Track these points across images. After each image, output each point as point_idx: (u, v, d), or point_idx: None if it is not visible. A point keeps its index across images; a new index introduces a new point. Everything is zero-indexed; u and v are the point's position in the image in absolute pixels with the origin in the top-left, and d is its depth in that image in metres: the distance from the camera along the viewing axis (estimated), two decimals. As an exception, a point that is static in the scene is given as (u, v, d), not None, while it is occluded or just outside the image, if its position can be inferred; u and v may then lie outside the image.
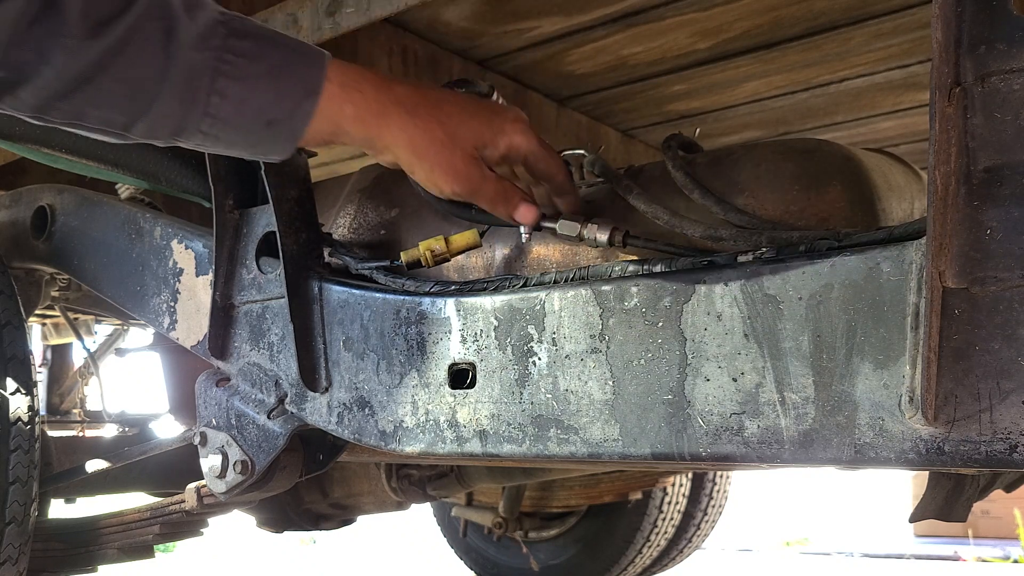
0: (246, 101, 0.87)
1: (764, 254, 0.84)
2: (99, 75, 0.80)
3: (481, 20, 1.30)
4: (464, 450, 1.01)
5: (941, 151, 0.68)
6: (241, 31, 0.87)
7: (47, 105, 0.81)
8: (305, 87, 0.90)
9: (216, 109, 0.86)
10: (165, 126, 0.86)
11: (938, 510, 1.13)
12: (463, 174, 0.96)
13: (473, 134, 0.97)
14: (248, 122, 0.88)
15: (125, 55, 0.80)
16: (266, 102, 0.88)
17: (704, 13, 1.31)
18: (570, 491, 2.59)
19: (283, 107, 0.89)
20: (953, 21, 0.70)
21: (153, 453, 1.59)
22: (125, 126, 0.86)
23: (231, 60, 0.85)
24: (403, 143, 0.94)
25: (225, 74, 0.85)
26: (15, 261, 1.61)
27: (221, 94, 0.85)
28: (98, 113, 0.84)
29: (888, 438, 0.74)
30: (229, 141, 0.90)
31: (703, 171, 1.05)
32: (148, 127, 0.86)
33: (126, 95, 0.83)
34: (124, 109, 0.84)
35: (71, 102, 0.81)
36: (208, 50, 0.84)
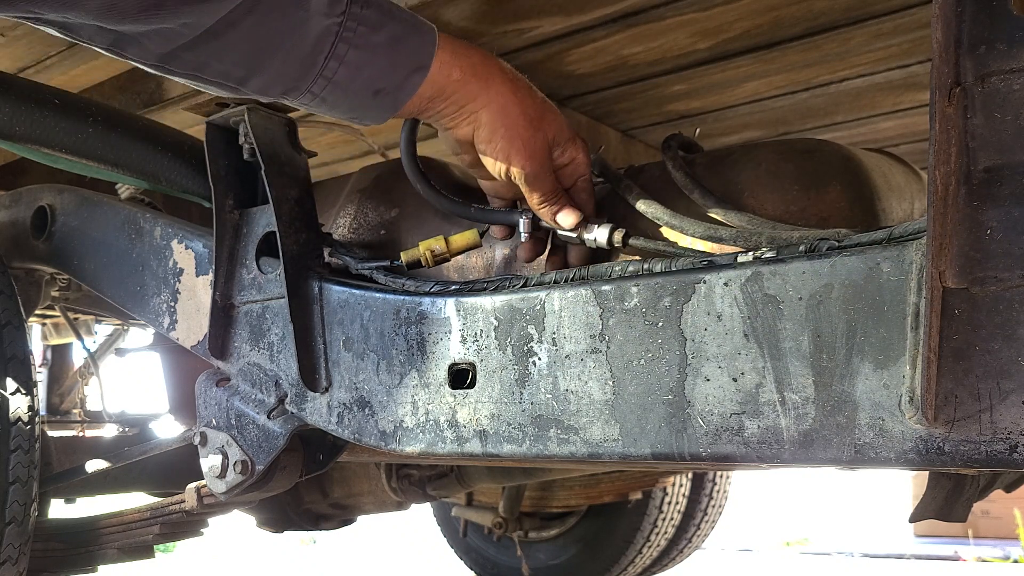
0: (362, 69, 0.89)
1: (764, 254, 0.84)
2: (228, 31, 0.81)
3: (481, 20, 1.30)
4: (464, 450, 1.01)
5: (941, 151, 0.68)
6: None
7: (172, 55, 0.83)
8: (417, 61, 0.92)
9: (332, 72, 0.88)
10: (280, 84, 0.89)
11: (938, 510, 1.13)
12: (538, 157, 0.99)
13: (556, 128, 1.02)
14: (358, 88, 0.91)
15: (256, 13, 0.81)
16: (379, 71, 0.90)
17: (704, 13, 1.31)
18: (570, 491, 2.59)
19: (394, 78, 0.91)
20: (953, 21, 0.70)
21: (153, 453, 1.59)
22: (241, 80, 0.87)
23: (353, 28, 0.87)
24: (496, 108, 0.97)
25: (346, 40, 0.87)
26: (15, 261, 1.61)
27: (340, 59, 0.87)
28: (219, 66, 0.85)
29: (888, 438, 0.74)
30: (334, 104, 0.92)
31: (703, 171, 1.05)
32: (263, 83, 0.88)
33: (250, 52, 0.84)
34: (245, 64, 0.85)
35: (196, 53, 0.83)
36: (334, 16, 0.85)
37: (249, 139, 1.21)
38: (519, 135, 0.98)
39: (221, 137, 1.27)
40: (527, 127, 0.99)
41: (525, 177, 1.00)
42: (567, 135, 1.03)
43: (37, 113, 1.30)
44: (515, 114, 0.98)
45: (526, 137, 0.99)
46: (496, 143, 0.98)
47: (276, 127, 1.22)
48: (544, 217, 1.04)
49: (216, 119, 1.25)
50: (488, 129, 0.98)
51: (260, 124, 1.20)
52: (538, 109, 1.01)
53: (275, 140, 1.22)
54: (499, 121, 0.98)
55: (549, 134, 1.01)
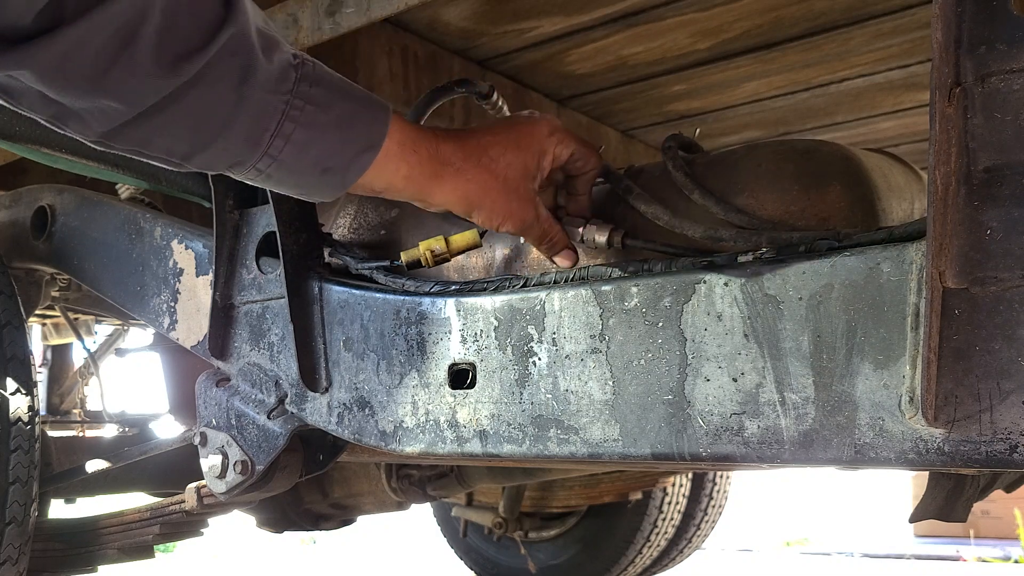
0: (308, 148, 0.87)
1: (764, 254, 0.84)
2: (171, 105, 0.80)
3: (481, 20, 1.30)
4: (464, 450, 1.01)
5: (941, 151, 0.68)
6: (313, 77, 0.87)
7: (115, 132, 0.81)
8: (367, 142, 0.90)
9: (277, 151, 0.86)
10: (224, 160, 0.87)
11: (938, 510, 1.13)
12: (518, 216, 0.98)
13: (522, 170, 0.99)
14: (305, 167, 0.89)
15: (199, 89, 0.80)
16: (327, 151, 0.88)
17: (704, 13, 1.31)
18: (570, 491, 2.59)
19: (342, 158, 0.89)
20: (953, 21, 0.70)
21: (153, 453, 1.59)
22: (185, 156, 0.86)
23: (300, 106, 0.85)
24: (457, 198, 0.96)
25: (293, 119, 0.85)
26: (15, 261, 1.61)
27: (285, 138, 0.85)
28: (163, 142, 0.84)
29: (888, 438, 0.74)
30: (280, 180, 0.90)
31: (703, 171, 1.05)
32: (207, 159, 0.87)
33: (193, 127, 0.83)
34: (189, 140, 0.84)
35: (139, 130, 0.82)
36: (280, 93, 0.84)
37: (249, 139, 1.21)
38: (494, 210, 0.97)
39: (221, 137, 1.26)
40: (496, 198, 0.97)
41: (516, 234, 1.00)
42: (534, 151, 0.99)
43: (37, 113, 1.29)
44: (479, 196, 0.96)
45: (499, 208, 0.97)
46: (478, 218, 0.98)
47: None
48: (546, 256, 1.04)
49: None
50: (463, 213, 0.98)
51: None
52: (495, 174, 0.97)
53: (275, 140, 1.21)
54: (468, 207, 0.97)
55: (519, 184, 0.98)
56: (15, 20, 0.70)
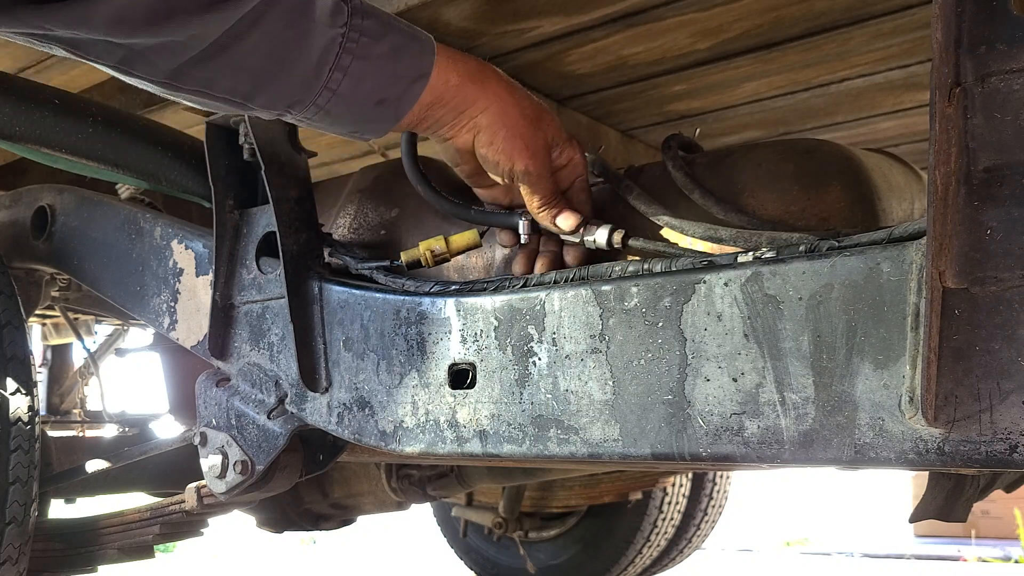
0: (364, 79, 0.89)
1: (764, 254, 0.84)
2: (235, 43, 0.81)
3: (481, 20, 1.30)
4: (464, 450, 1.01)
5: (941, 151, 0.68)
6: (363, 10, 0.89)
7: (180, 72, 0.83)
8: (418, 69, 0.93)
9: (336, 84, 0.88)
10: (286, 97, 0.89)
11: (938, 510, 1.13)
12: (539, 156, 1.00)
13: (553, 129, 1.02)
14: (361, 99, 0.91)
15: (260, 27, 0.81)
16: (382, 81, 0.91)
17: (704, 13, 1.31)
18: (570, 491, 2.59)
19: (396, 87, 0.92)
20: (953, 21, 0.70)
21: (153, 453, 1.59)
22: (248, 95, 0.88)
23: (356, 39, 0.87)
24: (496, 111, 0.98)
25: (349, 51, 0.87)
26: (15, 261, 1.61)
27: (343, 70, 0.88)
28: (226, 81, 0.85)
29: (888, 438, 0.74)
30: (337, 116, 0.92)
31: (703, 171, 1.05)
32: (270, 97, 0.88)
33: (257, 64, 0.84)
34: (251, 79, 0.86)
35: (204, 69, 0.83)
36: (336, 27, 0.86)
37: (249, 139, 1.21)
38: (520, 135, 0.99)
39: (221, 137, 1.27)
40: (527, 127, 0.99)
41: (528, 178, 1.00)
42: (564, 136, 1.04)
43: (37, 113, 1.30)
44: (515, 115, 0.99)
45: (527, 137, 0.99)
46: (498, 144, 0.99)
47: (276, 127, 1.22)
48: (544, 221, 1.03)
49: (216, 119, 1.26)
50: (489, 132, 0.99)
51: (260, 124, 1.20)
52: (536, 110, 1.01)
53: (275, 140, 1.22)
54: (500, 123, 0.98)
55: (548, 135, 1.02)
56: None
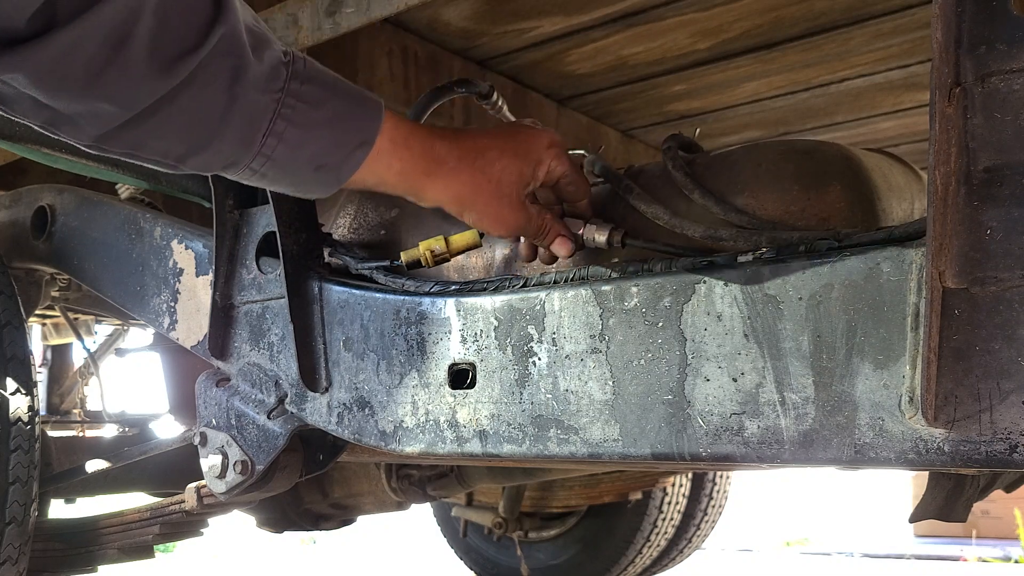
0: (301, 146, 0.87)
1: (764, 254, 0.84)
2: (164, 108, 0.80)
3: (481, 20, 1.30)
4: (464, 450, 1.01)
5: (941, 151, 0.68)
6: (304, 75, 0.86)
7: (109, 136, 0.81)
8: (360, 138, 0.90)
9: (270, 150, 0.86)
10: (218, 161, 0.87)
11: (938, 510, 1.13)
12: (510, 221, 0.98)
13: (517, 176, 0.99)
14: (299, 165, 0.89)
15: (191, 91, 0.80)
16: (320, 149, 0.88)
17: (704, 13, 1.31)
18: (570, 491, 2.59)
19: (336, 155, 0.89)
20: (953, 21, 0.70)
21: (153, 453, 1.59)
22: (180, 158, 0.86)
23: (292, 104, 0.85)
24: (449, 197, 0.96)
25: (285, 118, 0.85)
26: (15, 261, 1.61)
27: (279, 136, 0.85)
28: (157, 144, 0.84)
29: (888, 438, 0.74)
30: (275, 179, 0.91)
31: (703, 171, 1.05)
32: (202, 161, 0.87)
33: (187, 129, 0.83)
34: (183, 142, 0.84)
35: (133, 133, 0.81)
36: (271, 92, 0.84)
37: (249, 139, 1.21)
38: (485, 213, 0.97)
39: (221, 137, 1.26)
40: (488, 201, 0.97)
41: (507, 237, 1.01)
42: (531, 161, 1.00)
43: (37, 113, 1.29)
44: (471, 197, 0.96)
45: (491, 212, 0.97)
46: (468, 218, 0.98)
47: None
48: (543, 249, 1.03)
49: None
50: (454, 212, 0.98)
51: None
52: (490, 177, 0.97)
53: (275, 140, 1.21)
54: (459, 207, 0.97)
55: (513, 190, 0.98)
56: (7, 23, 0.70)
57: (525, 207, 0.99)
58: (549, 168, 1.01)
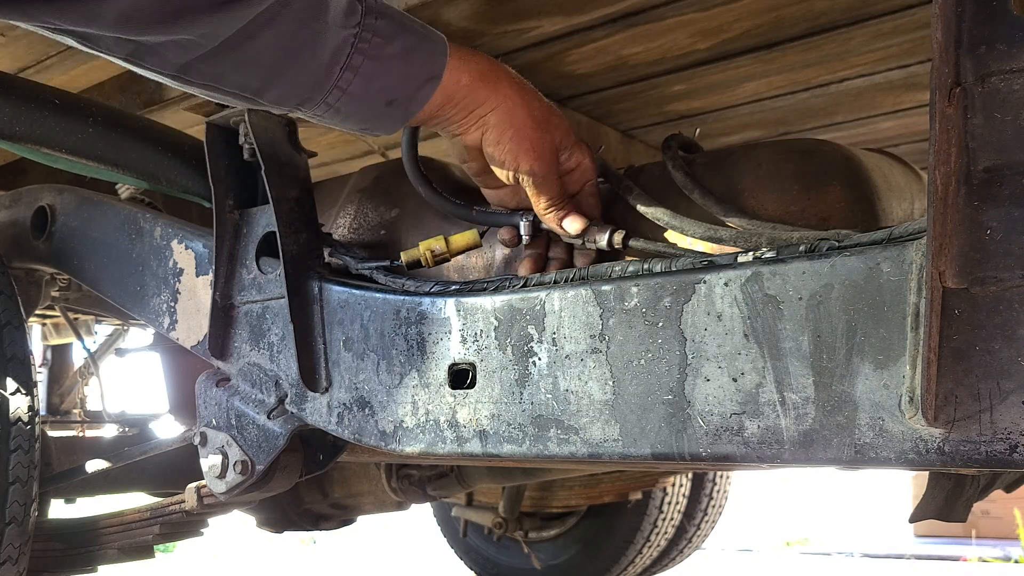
0: (375, 79, 0.90)
1: (764, 254, 0.84)
2: (246, 42, 0.81)
3: (481, 20, 1.30)
4: (464, 450, 1.01)
5: (941, 151, 0.68)
6: (377, 10, 0.89)
7: (190, 66, 0.83)
8: (429, 71, 0.93)
9: (347, 83, 0.88)
10: (296, 95, 0.89)
11: (938, 510, 1.13)
12: (546, 158, 1.00)
13: (562, 132, 1.02)
14: (372, 99, 0.91)
15: (273, 27, 0.81)
16: (393, 82, 0.91)
17: (704, 13, 1.31)
18: (570, 491, 2.59)
19: (407, 88, 0.92)
20: (953, 21, 0.70)
21: (153, 453, 1.59)
22: (258, 91, 0.88)
23: (368, 39, 0.87)
24: (504, 111, 0.98)
25: (361, 51, 0.87)
26: (15, 261, 1.61)
27: (355, 70, 0.88)
28: (237, 77, 0.86)
29: (888, 438, 0.74)
30: (347, 114, 0.93)
31: (703, 171, 1.05)
32: (280, 94, 0.88)
33: (268, 63, 0.85)
34: (262, 76, 0.86)
35: (214, 64, 0.83)
36: (349, 27, 0.86)
37: (249, 139, 1.21)
38: (527, 136, 0.99)
39: (221, 137, 1.27)
40: (535, 128, 0.99)
41: (533, 179, 1.00)
42: (572, 140, 1.04)
43: (37, 113, 1.30)
44: (523, 116, 0.98)
45: (534, 138, 0.99)
46: (504, 144, 0.99)
47: (276, 127, 1.22)
48: (549, 223, 1.03)
49: (216, 119, 1.25)
50: (496, 132, 0.98)
51: (260, 124, 1.20)
52: (545, 112, 1.01)
53: (275, 140, 1.22)
54: (507, 123, 0.98)
55: (556, 137, 1.02)
56: None
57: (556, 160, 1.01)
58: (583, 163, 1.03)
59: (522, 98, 0.99)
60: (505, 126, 0.98)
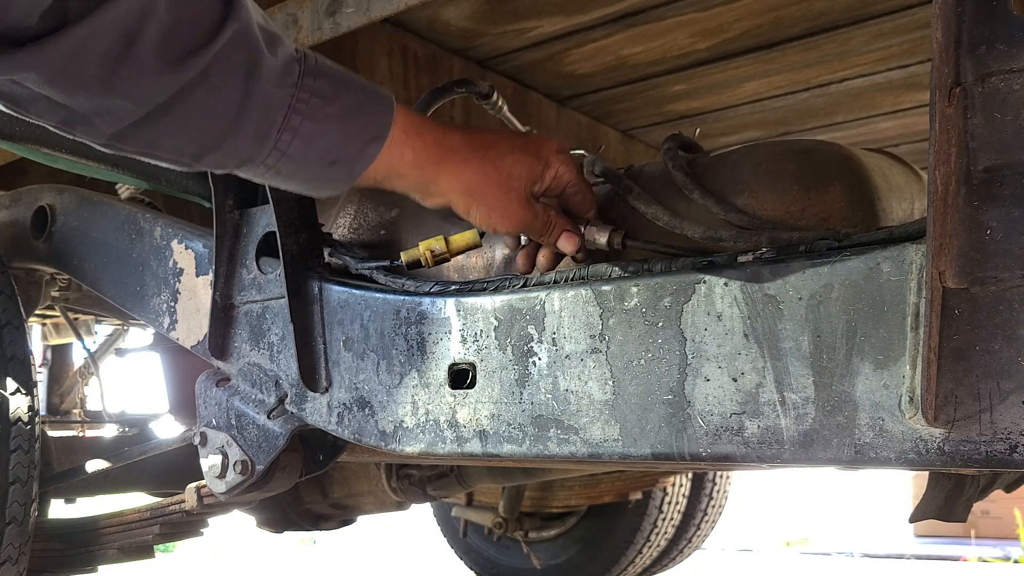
0: (315, 140, 0.88)
1: (764, 254, 0.84)
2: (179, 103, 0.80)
3: (481, 20, 1.30)
4: (464, 450, 1.01)
5: (941, 151, 0.68)
6: (317, 70, 0.87)
7: (124, 134, 0.82)
8: (373, 132, 0.91)
9: (285, 145, 0.86)
10: (233, 158, 0.87)
11: (938, 510, 1.13)
12: (518, 216, 0.98)
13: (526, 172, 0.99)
14: (313, 160, 0.89)
15: (205, 87, 0.80)
16: (334, 143, 0.89)
17: (704, 13, 1.31)
18: (570, 491, 2.59)
19: (349, 149, 0.90)
20: (953, 21, 0.70)
21: (153, 453, 1.59)
22: (195, 156, 0.86)
23: (306, 99, 0.86)
24: (459, 188, 0.96)
25: (299, 112, 0.85)
26: (15, 261, 1.61)
27: (293, 131, 0.86)
28: (172, 143, 0.84)
29: (888, 438, 0.74)
30: (289, 175, 0.91)
31: (703, 171, 1.05)
32: (217, 158, 0.87)
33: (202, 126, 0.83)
34: (198, 139, 0.84)
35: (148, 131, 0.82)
36: (286, 86, 0.84)
37: (249, 139, 1.21)
38: (493, 206, 0.97)
39: (221, 137, 1.26)
40: (497, 195, 0.97)
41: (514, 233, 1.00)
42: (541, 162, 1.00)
43: (37, 113, 1.29)
44: (480, 189, 0.96)
45: (499, 205, 0.97)
46: (474, 216, 0.97)
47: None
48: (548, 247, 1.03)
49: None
50: (461, 207, 0.97)
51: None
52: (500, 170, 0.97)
53: (275, 140, 1.21)
54: (468, 200, 0.96)
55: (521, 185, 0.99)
56: (20, 21, 0.70)
57: (532, 203, 1.00)
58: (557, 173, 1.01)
59: (476, 168, 0.96)
60: (467, 201, 0.96)
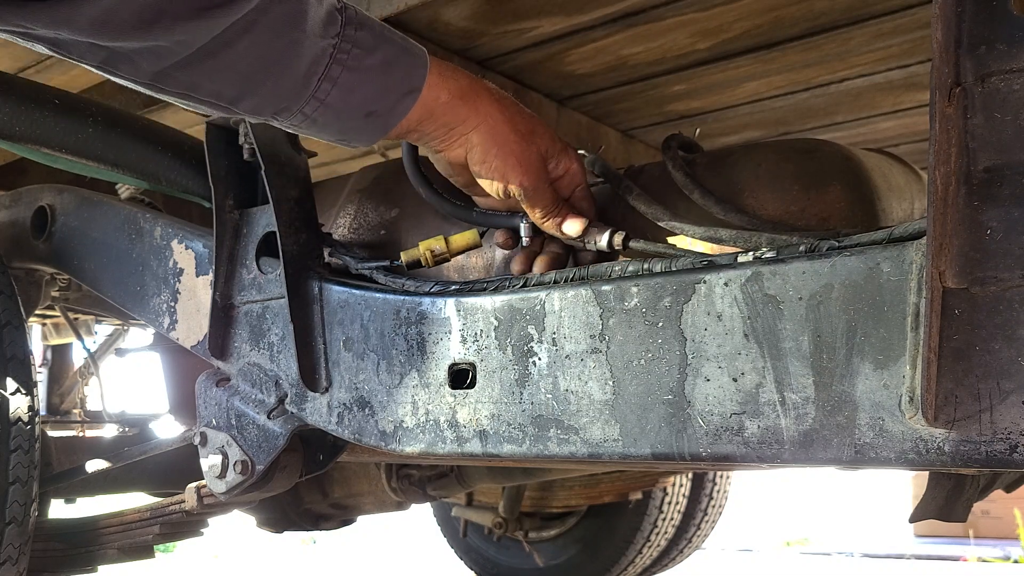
0: (354, 91, 0.89)
1: (764, 254, 0.84)
2: (223, 50, 0.81)
3: (481, 20, 1.30)
4: (464, 450, 1.01)
5: (941, 151, 0.68)
6: (357, 21, 0.88)
7: (164, 74, 0.82)
8: (409, 84, 0.92)
9: (324, 94, 0.88)
10: (272, 104, 0.88)
11: (938, 510, 1.13)
12: (534, 171, 0.99)
13: (547, 141, 1.01)
14: (350, 110, 0.90)
15: (250, 35, 0.81)
16: (371, 94, 0.90)
17: (704, 13, 1.31)
18: (570, 491, 2.59)
19: (386, 100, 0.92)
20: (953, 21, 0.70)
21: (153, 453, 1.59)
22: (233, 100, 0.87)
23: (347, 50, 0.87)
24: (487, 128, 0.97)
25: (340, 62, 0.87)
26: (15, 261, 1.61)
27: (333, 81, 0.87)
28: (212, 86, 0.85)
29: (888, 438, 0.74)
30: (324, 125, 0.92)
31: (703, 171, 1.05)
32: (255, 103, 0.88)
33: (244, 72, 0.84)
34: (238, 84, 0.85)
35: (189, 73, 0.82)
36: (328, 38, 0.86)
37: (249, 139, 1.21)
38: (512, 152, 0.98)
39: (221, 137, 1.27)
40: (519, 143, 0.98)
41: (524, 193, 1.00)
42: (559, 147, 1.03)
43: (37, 113, 1.30)
44: (506, 132, 0.98)
45: (520, 153, 0.98)
46: (490, 163, 0.98)
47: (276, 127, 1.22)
48: (549, 230, 1.03)
49: (216, 119, 1.25)
50: (481, 149, 0.98)
51: (260, 124, 1.20)
52: (528, 124, 1.00)
53: (275, 140, 1.22)
54: (491, 141, 0.97)
55: (542, 147, 1.01)
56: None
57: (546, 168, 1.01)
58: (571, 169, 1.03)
59: (504, 114, 0.98)
60: (489, 144, 0.97)
